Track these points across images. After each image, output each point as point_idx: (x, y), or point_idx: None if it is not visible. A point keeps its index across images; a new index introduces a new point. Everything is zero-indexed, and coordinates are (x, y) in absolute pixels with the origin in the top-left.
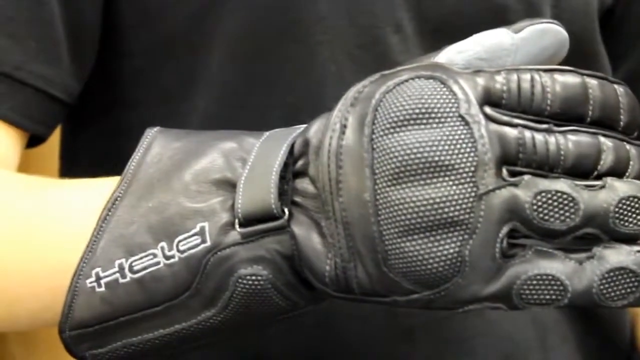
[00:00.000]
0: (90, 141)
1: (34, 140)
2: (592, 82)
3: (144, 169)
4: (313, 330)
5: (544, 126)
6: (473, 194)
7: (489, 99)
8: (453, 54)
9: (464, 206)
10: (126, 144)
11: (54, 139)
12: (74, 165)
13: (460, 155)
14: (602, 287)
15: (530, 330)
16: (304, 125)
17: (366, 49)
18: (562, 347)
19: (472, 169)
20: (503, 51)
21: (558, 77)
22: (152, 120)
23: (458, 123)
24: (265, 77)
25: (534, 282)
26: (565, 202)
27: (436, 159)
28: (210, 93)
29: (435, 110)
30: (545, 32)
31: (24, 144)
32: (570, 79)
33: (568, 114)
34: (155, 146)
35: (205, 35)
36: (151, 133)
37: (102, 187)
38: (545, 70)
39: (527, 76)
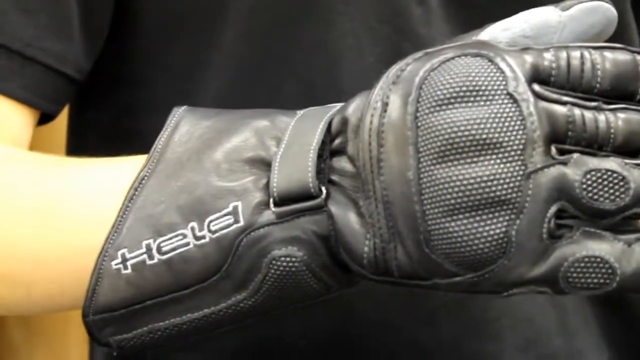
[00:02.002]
0: (98, 119)
1: (42, 118)
2: None
3: (172, 148)
4: (333, 311)
5: (594, 104)
6: (521, 172)
7: (538, 77)
8: (498, 31)
9: (511, 185)
10: (135, 122)
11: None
12: (82, 142)
13: (508, 133)
14: None
15: (550, 313)
16: (339, 104)
17: (387, 21)
18: (585, 331)
19: (521, 147)
20: (549, 29)
21: (608, 54)
22: (162, 98)
23: (506, 101)
24: (281, 51)
25: (582, 264)
26: (616, 181)
27: (484, 136)
28: (223, 70)
29: (483, 87)
30: (594, 10)
31: (35, 122)
32: (620, 56)
33: (618, 91)
34: (184, 125)
35: (220, 9)
36: (179, 112)
37: (126, 166)
38: (595, 48)
39: (576, 53)
